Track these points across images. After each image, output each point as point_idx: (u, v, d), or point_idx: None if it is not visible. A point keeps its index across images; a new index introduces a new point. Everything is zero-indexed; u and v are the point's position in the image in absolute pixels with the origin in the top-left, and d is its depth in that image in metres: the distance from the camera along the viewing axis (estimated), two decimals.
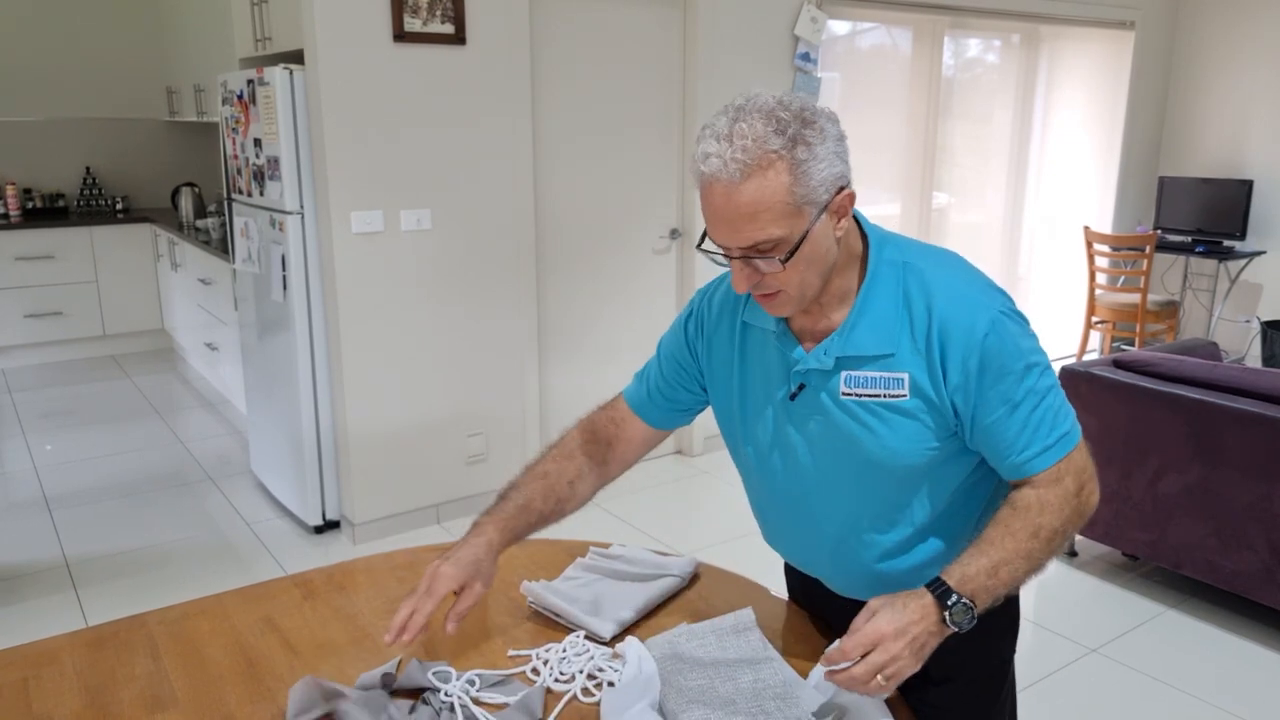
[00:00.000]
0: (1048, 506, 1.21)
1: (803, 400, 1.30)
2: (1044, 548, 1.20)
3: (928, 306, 1.22)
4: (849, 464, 1.29)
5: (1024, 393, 1.21)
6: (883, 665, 1.11)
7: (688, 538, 3.64)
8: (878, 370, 1.24)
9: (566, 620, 1.45)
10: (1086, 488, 1.25)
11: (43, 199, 6.13)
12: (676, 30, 4.12)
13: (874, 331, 1.23)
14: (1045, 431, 1.22)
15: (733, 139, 1.11)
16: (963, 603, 1.14)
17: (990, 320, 1.20)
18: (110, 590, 3.21)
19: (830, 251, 1.20)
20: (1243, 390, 2.91)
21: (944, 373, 1.21)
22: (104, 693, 1.30)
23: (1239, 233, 5.85)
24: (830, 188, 1.14)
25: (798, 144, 1.11)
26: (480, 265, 3.66)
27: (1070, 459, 1.24)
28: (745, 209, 1.12)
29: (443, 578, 1.32)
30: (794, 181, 1.11)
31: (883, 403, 1.24)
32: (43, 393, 5.45)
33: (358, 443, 3.49)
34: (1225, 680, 2.75)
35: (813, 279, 1.20)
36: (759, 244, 1.14)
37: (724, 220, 1.15)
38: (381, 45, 3.29)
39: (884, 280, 1.24)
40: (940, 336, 1.21)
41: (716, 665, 1.29)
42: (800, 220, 1.14)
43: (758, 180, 1.11)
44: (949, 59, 5.20)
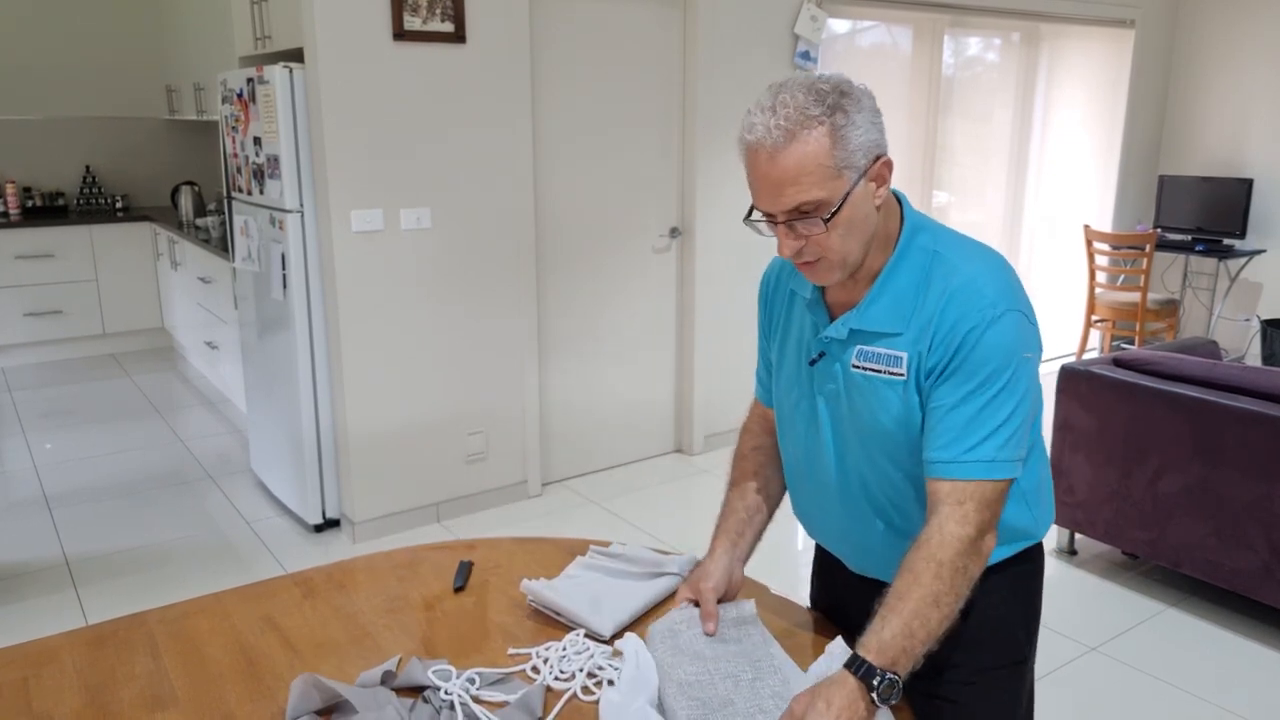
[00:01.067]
0: (947, 540, 1.19)
1: (821, 367, 1.36)
2: (949, 589, 1.18)
3: (940, 295, 1.24)
4: (857, 433, 1.33)
5: (975, 398, 1.21)
6: None
7: (688, 537, 3.65)
8: (884, 347, 1.28)
9: (566, 618, 1.45)
10: (985, 527, 1.22)
11: (42, 198, 6.13)
12: (676, 29, 4.12)
13: (889, 310, 1.27)
14: (970, 445, 1.21)
15: (775, 109, 1.18)
16: (888, 679, 1.13)
17: (984, 316, 1.21)
18: (110, 589, 3.21)
19: (870, 218, 1.24)
20: (1243, 389, 2.91)
21: (929, 356, 1.24)
22: (104, 691, 1.30)
23: (1239, 231, 5.85)
24: (868, 154, 1.20)
25: (836, 111, 1.17)
26: (480, 264, 3.66)
27: (981, 487, 1.21)
28: (789, 172, 1.18)
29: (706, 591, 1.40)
30: (833, 145, 1.17)
31: (883, 379, 1.28)
32: (43, 391, 5.45)
33: (358, 441, 3.50)
34: (1225, 679, 2.75)
35: (853, 245, 1.24)
36: (802, 205, 1.19)
37: (768, 185, 1.20)
38: (381, 44, 3.29)
39: (909, 262, 1.28)
40: (937, 322, 1.23)
41: (716, 659, 1.29)
42: (840, 183, 1.19)
43: (800, 144, 1.17)
44: (949, 57, 5.19)
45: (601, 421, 4.25)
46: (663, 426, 4.47)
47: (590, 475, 4.24)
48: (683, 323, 4.40)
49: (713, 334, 4.42)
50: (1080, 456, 3.29)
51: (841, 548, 1.46)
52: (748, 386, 4.60)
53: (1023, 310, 1.24)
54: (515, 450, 3.91)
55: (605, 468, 4.31)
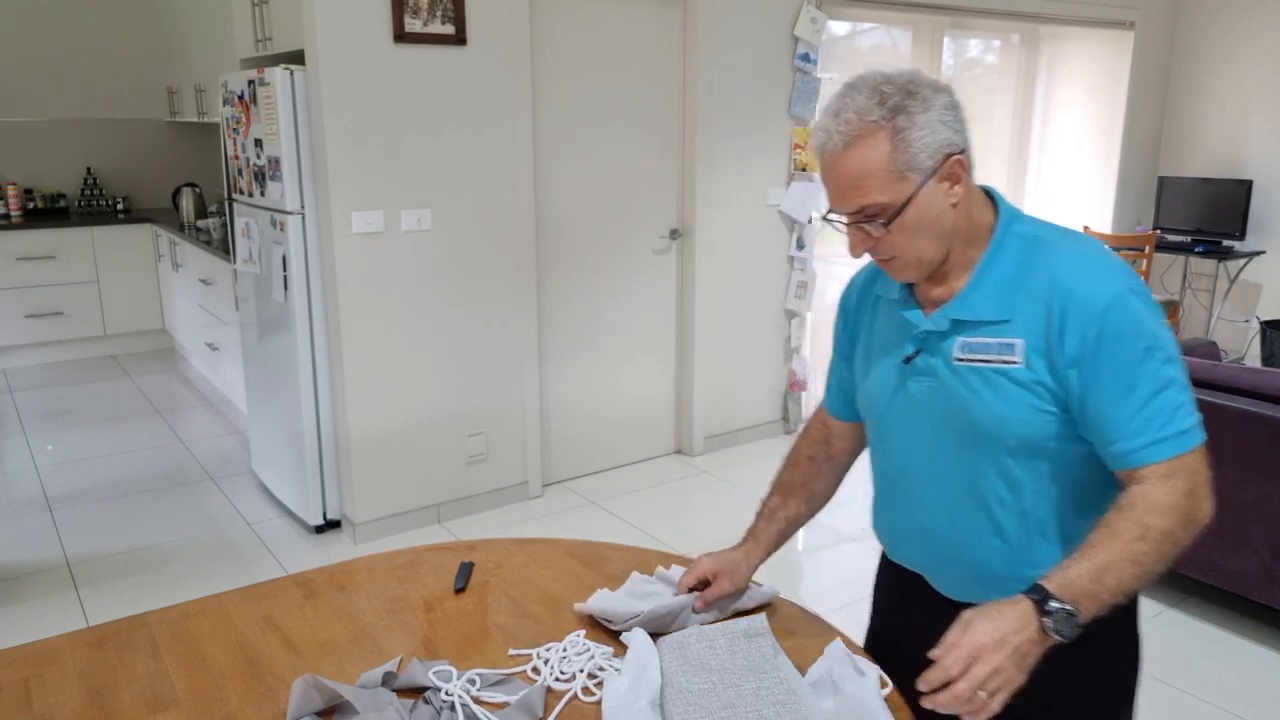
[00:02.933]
0: (1156, 506, 1.14)
1: (918, 364, 1.31)
2: (1153, 551, 1.13)
3: (1051, 276, 1.20)
4: (959, 431, 1.27)
5: (1142, 376, 1.16)
6: (985, 679, 1.05)
7: (688, 538, 3.65)
8: (992, 336, 1.23)
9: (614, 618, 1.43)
10: (1198, 492, 1.17)
11: (44, 199, 6.14)
12: (676, 30, 4.12)
13: (992, 297, 1.24)
14: (1160, 423, 1.16)
15: (839, 113, 1.19)
16: (1064, 609, 1.08)
17: (1115, 293, 1.17)
18: (111, 590, 3.22)
19: (944, 217, 1.22)
20: (1242, 390, 2.91)
21: (1061, 342, 1.18)
22: (105, 692, 1.31)
23: (1238, 232, 5.85)
24: (935, 154, 1.18)
25: (899, 113, 1.16)
26: (481, 265, 3.67)
27: (1184, 459, 1.17)
28: (850, 176, 1.19)
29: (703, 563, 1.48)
30: (894, 149, 1.17)
31: (995, 368, 1.23)
32: (44, 392, 5.46)
33: (358, 442, 3.50)
34: (1225, 679, 2.75)
35: (926, 244, 1.22)
36: (865, 208, 1.20)
37: (834, 188, 1.22)
38: (382, 46, 3.29)
39: (1009, 250, 1.25)
40: (1061, 305, 1.18)
41: (722, 671, 1.29)
42: (904, 186, 1.18)
43: (860, 149, 1.17)
44: (949, 59, 5.20)
45: (602, 423, 4.25)
46: (663, 428, 4.48)
47: (591, 476, 4.24)
48: (683, 324, 4.40)
49: (713, 335, 4.42)
50: None
51: (940, 569, 1.37)
52: (748, 387, 4.60)
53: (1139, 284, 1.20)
54: (516, 451, 3.92)
55: (606, 469, 4.31)
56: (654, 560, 1.68)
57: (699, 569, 1.46)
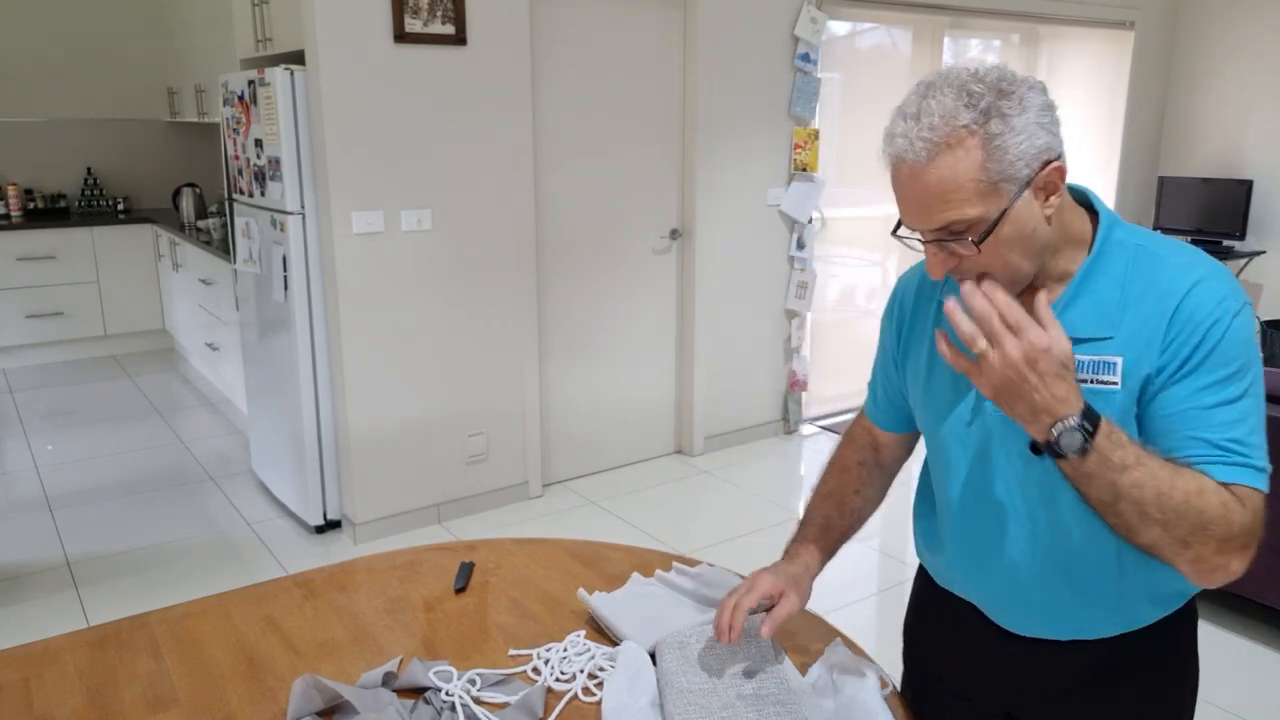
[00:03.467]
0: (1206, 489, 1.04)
1: None
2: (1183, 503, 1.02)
3: (1161, 290, 1.09)
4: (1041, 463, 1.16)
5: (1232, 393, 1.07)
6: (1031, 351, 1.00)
7: (688, 538, 3.65)
8: (1089, 354, 1.12)
9: (612, 633, 1.43)
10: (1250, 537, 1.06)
11: (44, 199, 6.14)
12: (677, 31, 4.12)
13: (1092, 311, 1.12)
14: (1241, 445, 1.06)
15: (920, 116, 1.05)
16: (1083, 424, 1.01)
17: (1224, 306, 1.07)
18: (112, 590, 3.22)
19: (1039, 231, 1.09)
20: None
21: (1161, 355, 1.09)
22: (105, 692, 1.31)
23: (1239, 233, 5.85)
24: (1032, 162, 1.05)
25: (991, 117, 1.03)
26: (481, 265, 3.67)
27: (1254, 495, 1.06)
28: (935, 190, 1.05)
29: (763, 580, 1.32)
30: (987, 158, 1.03)
31: (1090, 388, 1.10)
32: (44, 393, 5.46)
33: (359, 442, 3.50)
34: (1225, 680, 2.75)
35: (1019, 261, 1.09)
36: (951, 225, 1.06)
37: (913, 202, 1.07)
38: (382, 46, 3.29)
39: (1111, 260, 1.13)
40: (1171, 317, 1.08)
41: (723, 671, 1.29)
42: (998, 199, 1.05)
43: (947, 159, 1.03)
44: (949, 59, 5.20)
45: (602, 422, 4.25)
46: (663, 427, 4.47)
47: (591, 476, 4.24)
48: (683, 324, 4.40)
49: (713, 335, 4.42)
50: None
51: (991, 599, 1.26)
52: (748, 387, 4.60)
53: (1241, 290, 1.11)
54: (516, 451, 3.92)
55: (606, 469, 4.31)
56: (654, 560, 1.68)
57: (760, 588, 1.31)
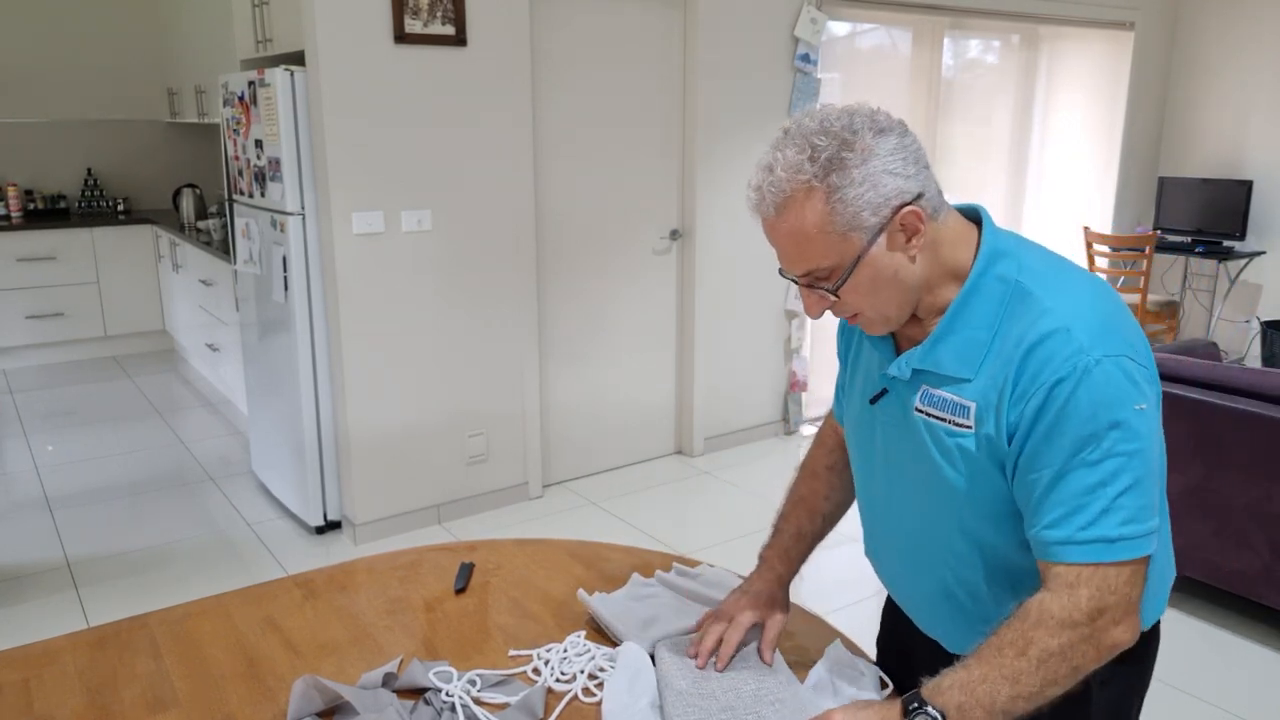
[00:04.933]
0: (1046, 620, 1.04)
1: (883, 406, 1.23)
2: (1034, 671, 1.03)
3: (1021, 333, 1.07)
4: (918, 485, 1.20)
5: (1078, 463, 1.03)
6: None
7: (688, 538, 3.65)
8: (951, 393, 1.12)
9: (612, 634, 1.43)
10: (1109, 615, 1.04)
11: (44, 200, 6.14)
12: (676, 31, 4.12)
13: (957, 351, 1.12)
14: (1084, 521, 1.03)
15: (771, 169, 1.07)
16: (925, 712, 1.03)
17: (1074, 364, 1.03)
18: (112, 590, 3.22)
19: (903, 272, 1.09)
20: (1242, 390, 2.91)
21: (1009, 408, 1.07)
22: (105, 693, 1.31)
23: (1239, 233, 5.85)
24: (881, 209, 1.05)
25: (832, 170, 1.04)
26: (481, 265, 3.67)
27: (1100, 571, 1.03)
28: (788, 241, 1.08)
29: (744, 615, 1.34)
30: (831, 211, 1.04)
31: (947, 429, 1.13)
32: (44, 393, 5.46)
33: (359, 443, 3.50)
34: (1225, 680, 2.75)
35: (886, 302, 1.11)
36: (812, 273, 1.10)
37: (777, 250, 1.11)
38: (382, 46, 3.29)
39: (984, 297, 1.11)
40: (1019, 367, 1.06)
41: (721, 673, 1.29)
42: (849, 246, 1.06)
43: (793, 213, 1.06)
44: (948, 60, 5.20)
45: (602, 423, 4.25)
46: (663, 428, 4.47)
47: (591, 477, 4.24)
48: (683, 324, 4.40)
49: (713, 336, 4.42)
50: None
51: (907, 603, 1.35)
52: (748, 387, 4.60)
53: (1125, 354, 1.04)
54: (516, 452, 3.92)
55: (606, 469, 4.31)
56: (654, 561, 1.68)
57: (742, 621, 1.32)
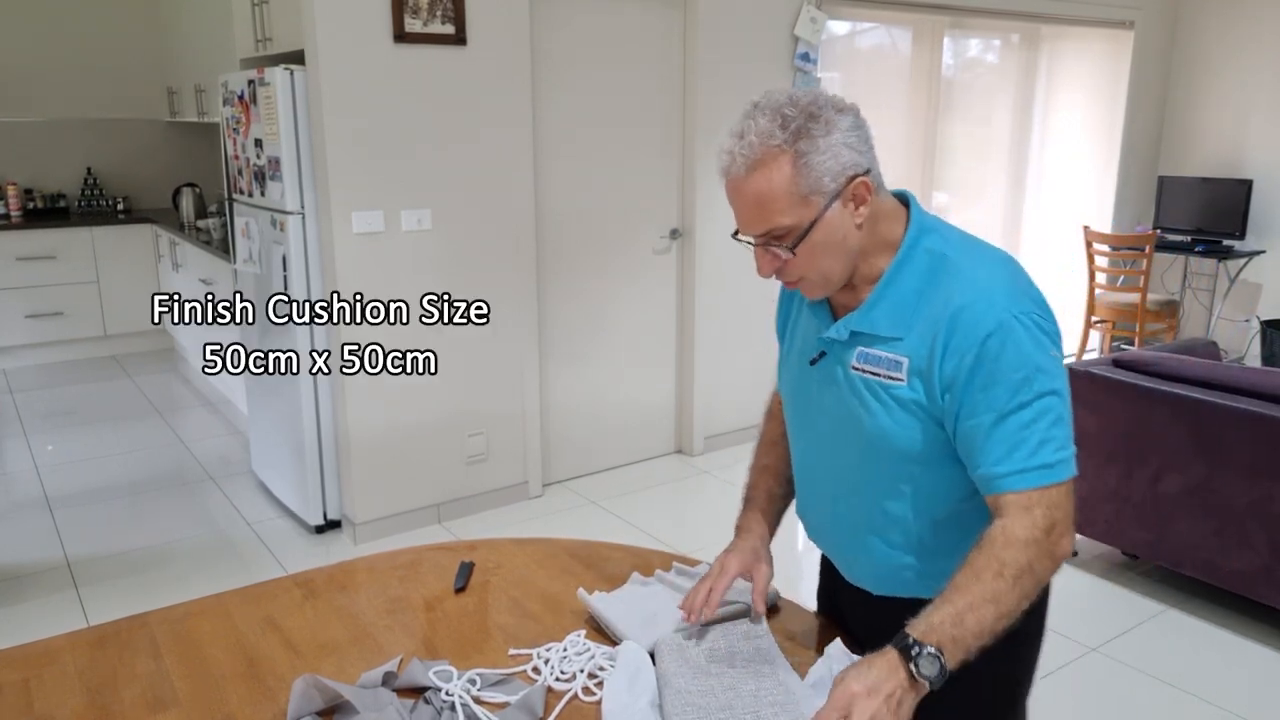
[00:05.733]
0: (1012, 541, 1.16)
1: (821, 367, 1.35)
2: (1010, 588, 1.15)
3: (946, 298, 1.22)
4: (852, 438, 1.32)
5: (1015, 406, 1.18)
6: None
7: (688, 537, 3.65)
8: (886, 351, 1.26)
9: (612, 633, 1.43)
10: (1058, 529, 1.18)
11: (44, 199, 6.14)
12: (677, 30, 4.12)
13: (890, 313, 1.26)
14: (1027, 453, 1.18)
15: (742, 134, 1.19)
16: (928, 653, 1.11)
17: (999, 320, 1.18)
18: (112, 590, 3.22)
19: (849, 237, 1.23)
20: (1242, 390, 2.91)
21: (941, 365, 1.21)
22: (105, 692, 1.31)
23: (1238, 232, 5.85)
24: (839, 177, 1.19)
25: (800, 138, 1.17)
26: (481, 265, 3.67)
27: (1046, 493, 1.18)
28: (753, 200, 1.20)
29: (731, 562, 1.41)
30: (796, 173, 1.17)
31: (881, 383, 1.26)
32: (44, 393, 5.46)
33: (359, 442, 3.50)
34: (1225, 679, 2.75)
35: (832, 265, 1.24)
36: (771, 231, 1.21)
37: (739, 211, 1.23)
38: (382, 46, 3.29)
39: (913, 265, 1.26)
40: (947, 328, 1.20)
41: (720, 674, 1.29)
42: (808, 209, 1.19)
43: (762, 173, 1.18)
44: (949, 59, 5.20)
45: (602, 422, 4.25)
46: (663, 427, 4.48)
47: (591, 476, 4.24)
48: (683, 324, 4.40)
49: (713, 335, 4.42)
50: (1080, 457, 3.27)
51: (836, 554, 1.46)
52: (748, 387, 4.60)
53: (1037, 311, 1.21)
54: (516, 451, 3.92)
55: (606, 469, 4.31)
56: (654, 560, 1.69)
57: (730, 570, 1.40)
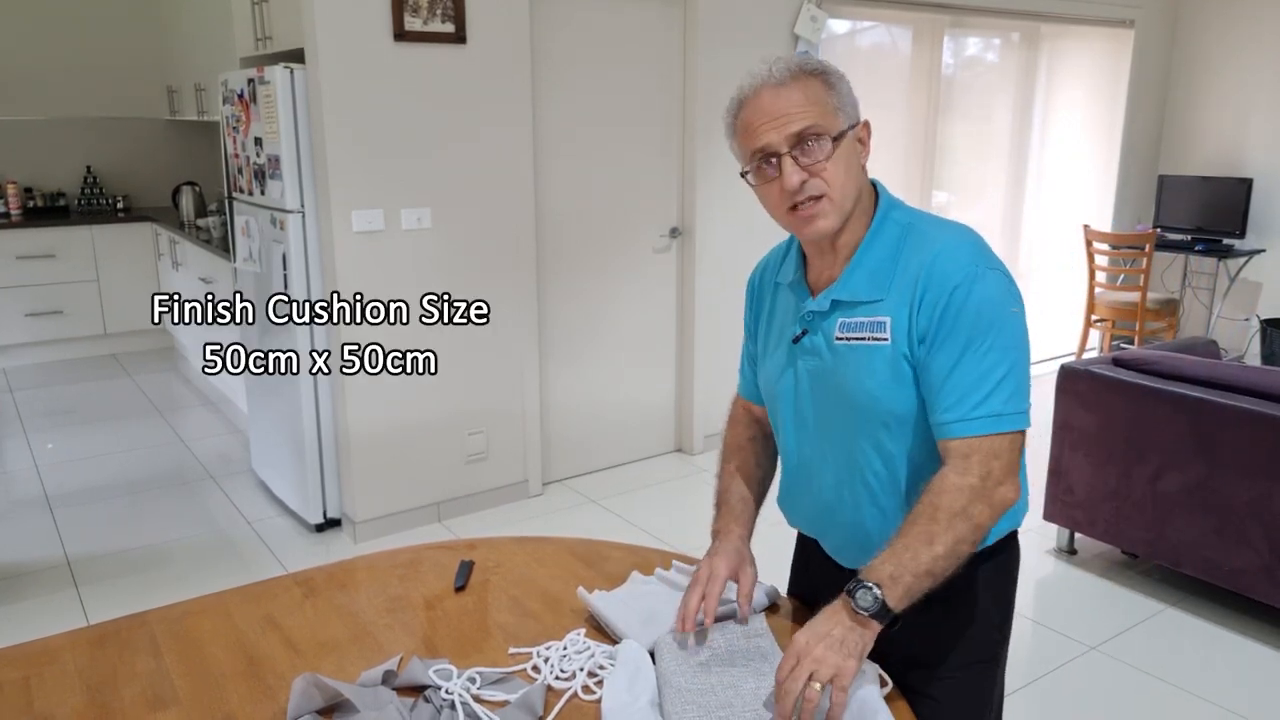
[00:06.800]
0: (947, 487, 1.22)
1: (805, 344, 1.38)
2: (945, 530, 1.19)
3: (920, 258, 1.28)
4: (839, 407, 1.35)
5: (972, 354, 1.23)
6: (811, 670, 1.14)
7: (688, 537, 3.65)
8: (866, 315, 1.31)
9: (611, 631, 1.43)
10: (995, 476, 1.22)
11: (44, 198, 6.14)
12: (676, 29, 4.12)
13: (869, 277, 1.31)
14: (975, 401, 1.23)
15: (773, 63, 1.28)
16: (863, 588, 1.17)
17: (966, 273, 1.24)
18: (112, 589, 3.22)
19: (860, 173, 1.32)
20: (1242, 388, 2.91)
21: (918, 318, 1.26)
22: (105, 691, 1.31)
23: (1238, 231, 5.85)
24: (854, 110, 1.30)
25: (826, 72, 1.29)
26: (481, 263, 3.67)
27: (988, 441, 1.23)
28: (794, 100, 1.25)
29: (720, 565, 1.41)
30: (829, 91, 1.28)
31: (867, 345, 1.30)
32: (44, 391, 5.46)
33: (358, 441, 3.50)
34: (1225, 678, 2.75)
35: (851, 188, 1.30)
36: (808, 130, 1.26)
37: (772, 117, 1.26)
38: (382, 44, 3.29)
39: (886, 234, 1.33)
40: (924, 283, 1.26)
41: (721, 671, 1.29)
42: (838, 121, 1.28)
43: (802, 81, 1.27)
44: (949, 58, 5.20)
45: (602, 421, 4.25)
46: (663, 426, 4.48)
47: (591, 475, 4.25)
48: (683, 322, 4.40)
49: (713, 334, 4.42)
50: (1080, 456, 3.29)
51: (828, 537, 1.47)
52: None
53: (1000, 269, 1.27)
54: (516, 450, 3.92)
55: (606, 467, 4.32)
56: (654, 559, 1.69)
57: (721, 573, 1.40)
